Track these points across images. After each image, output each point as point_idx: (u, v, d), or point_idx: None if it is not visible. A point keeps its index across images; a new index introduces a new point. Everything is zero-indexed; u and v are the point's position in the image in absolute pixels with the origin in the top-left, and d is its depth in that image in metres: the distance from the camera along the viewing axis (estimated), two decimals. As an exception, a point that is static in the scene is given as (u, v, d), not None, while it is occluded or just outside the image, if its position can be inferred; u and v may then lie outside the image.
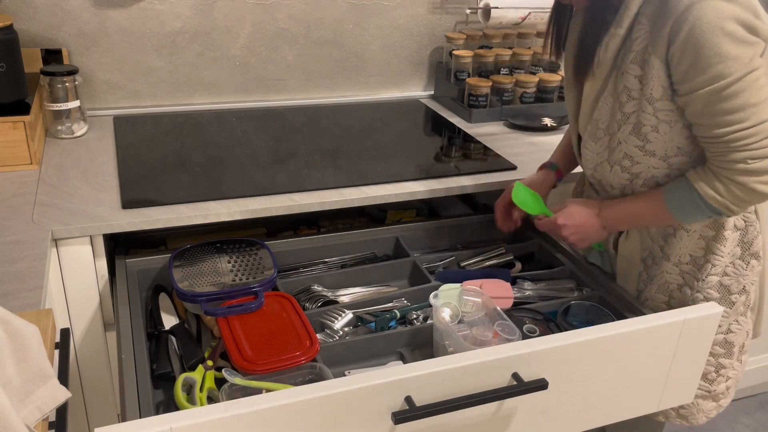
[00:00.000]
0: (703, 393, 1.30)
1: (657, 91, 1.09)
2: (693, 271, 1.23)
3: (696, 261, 1.23)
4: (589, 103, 1.21)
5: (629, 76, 1.12)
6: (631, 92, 1.13)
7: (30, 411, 0.76)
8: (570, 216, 1.25)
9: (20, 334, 0.78)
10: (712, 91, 1.03)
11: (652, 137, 1.13)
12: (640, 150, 1.16)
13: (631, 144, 1.16)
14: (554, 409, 1.05)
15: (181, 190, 1.36)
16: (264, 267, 1.26)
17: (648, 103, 1.11)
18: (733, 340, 1.28)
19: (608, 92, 1.17)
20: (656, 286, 1.27)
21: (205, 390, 1.02)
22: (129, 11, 1.72)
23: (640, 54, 1.10)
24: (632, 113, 1.14)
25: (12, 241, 1.16)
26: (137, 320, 1.13)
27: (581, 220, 1.24)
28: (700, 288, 1.23)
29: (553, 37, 1.29)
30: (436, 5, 2.01)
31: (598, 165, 1.25)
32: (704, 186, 1.10)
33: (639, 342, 1.07)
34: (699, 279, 1.23)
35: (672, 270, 1.24)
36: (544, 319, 1.23)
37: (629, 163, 1.18)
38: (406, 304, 1.26)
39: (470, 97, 1.89)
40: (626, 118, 1.15)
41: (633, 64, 1.11)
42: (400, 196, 1.42)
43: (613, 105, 1.16)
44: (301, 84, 1.97)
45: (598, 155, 1.23)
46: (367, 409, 0.91)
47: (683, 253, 1.22)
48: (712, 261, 1.21)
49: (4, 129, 1.38)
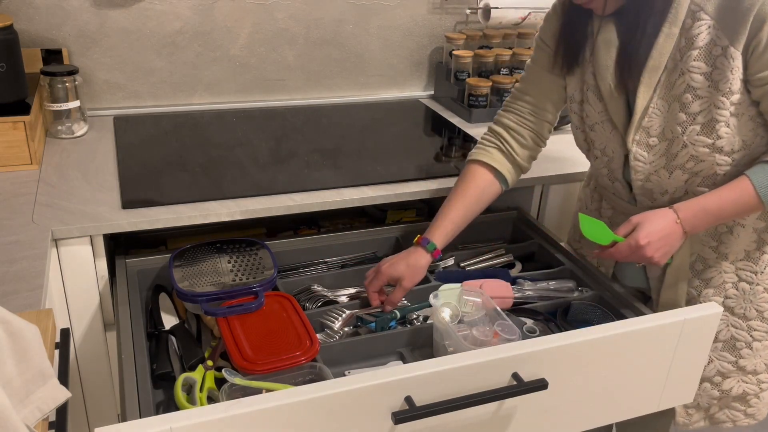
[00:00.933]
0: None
1: (735, 84, 1.06)
2: (748, 265, 1.22)
3: (750, 255, 1.22)
4: (640, 112, 1.15)
5: (694, 75, 1.08)
6: (697, 90, 1.09)
7: (30, 411, 0.76)
8: (651, 232, 1.12)
9: (20, 334, 0.78)
10: None
11: (723, 132, 1.10)
12: (709, 148, 1.11)
13: (700, 144, 1.11)
14: (554, 409, 1.05)
15: (181, 190, 1.36)
16: (264, 267, 1.26)
17: (725, 98, 1.07)
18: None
19: (659, 96, 1.12)
20: (712, 290, 1.24)
21: (205, 390, 1.02)
22: (129, 11, 1.72)
23: (706, 50, 1.07)
24: (700, 112, 1.10)
25: (12, 241, 1.16)
26: (137, 320, 1.13)
27: (664, 233, 1.13)
28: (760, 281, 1.22)
29: (564, 49, 1.22)
30: (436, 5, 2.01)
31: (652, 174, 1.18)
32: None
33: (639, 342, 1.07)
34: (756, 272, 1.22)
35: (728, 269, 1.22)
36: (544, 319, 1.23)
37: (693, 164, 1.14)
38: (407, 304, 1.26)
39: (470, 97, 1.89)
40: (692, 118, 1.10)
41: (697, 62, 1.08)
42: (400, 196, 1.42)
43: (670, 108, 1.12)
44: (301, 84, 1.97)
45: (651, 164, 1.17)
46: (367, 409, 0.91)
47: (739, 249, 1.21)
48: (767, 252, 1.21)
49: (4, 129, 1.38)
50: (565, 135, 1.84)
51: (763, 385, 1.29)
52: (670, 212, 1.13)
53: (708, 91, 1.08)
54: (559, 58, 1.25)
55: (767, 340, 1.26)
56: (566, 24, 1.22)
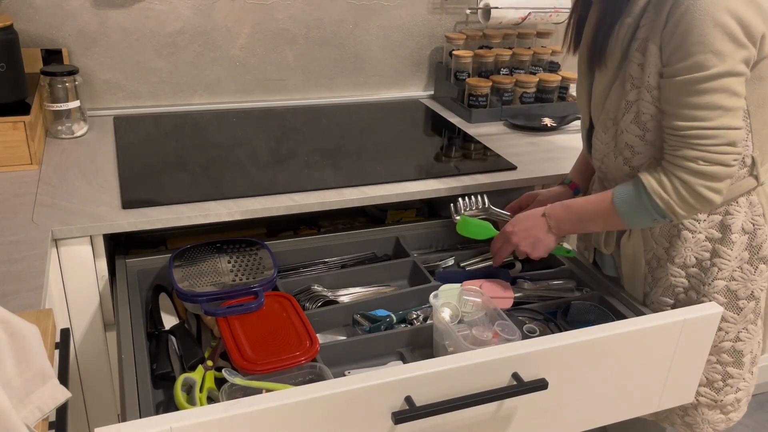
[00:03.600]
0: (708, 402, 1.27)
1: (653, 78, 1.08)
2: (699, 274, 1.21)
3: (702, 264, 1.20)
4: (600, 93, 1.20)
5: (633, 64, 1.11)
6: (634, 80, 1.12)
7: (30, 411, 0.76)
8: (517, 222, 1.24)
9: (20, 334, 0.78)
10: (686, 80, 1.02)
11: (651, 126, 1.12)
12: (640, 140, 1.14)
13: (632, 133, 1.15)
14: (554, 409, 1.05)
15: (181, 190, 1.36)
16: (264, 267, 1.26)
17: (647, 91, 1.10)
18: (742, 349, 1.24)
19: (619, 82, 1.16)
20: (661, 289, 1.24)
21: (205, 390, 1.02)
22: (129, 11, 1.72)
23: (643, 42, 1.09)
24: (634, 102, 1.13)
25: (12, 241, 1.16)
26: (137, 320, 1.13)
27: (528, 224, 1.22)
28: (707, 292, 1.20)
29: (574, 31, 1.27)
30: (436, 5, 2.01)
31: (605, 156, 1.23)
32: (651, 180, 1.08)
33: (639, 342, 1.07)
34: (705, 283, 1.20)
35: (677, 273, 1.22)
36: (544, 319, 1.23)
37: (630, 154, 1.17)
38: (408, 308, 1.26)
39: (470, 97, 1.89)
40: (629, 106, 1.14)
41: (637, 52, 1.10)
42: (400, 196, 1.43)
43: (620, 94, 1.16)
44: (301, 84, 1.97)
45: (605, 145, 1.22)
46: (367, 409, 0.91)
47: (688, 255, 1.20)
48: (718, 265, 1.19)
49: (4, 129, 1.38)
50: (566, 135, 1.85)
51: (701, 398, 1.26)
52: (542, 208, 1.24)
53: (640, 82, 1.11)
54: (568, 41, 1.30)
55: (711, 354, 1.24)
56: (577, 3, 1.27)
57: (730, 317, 1.22)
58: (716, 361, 1.25)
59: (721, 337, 1.23)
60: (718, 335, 1.23)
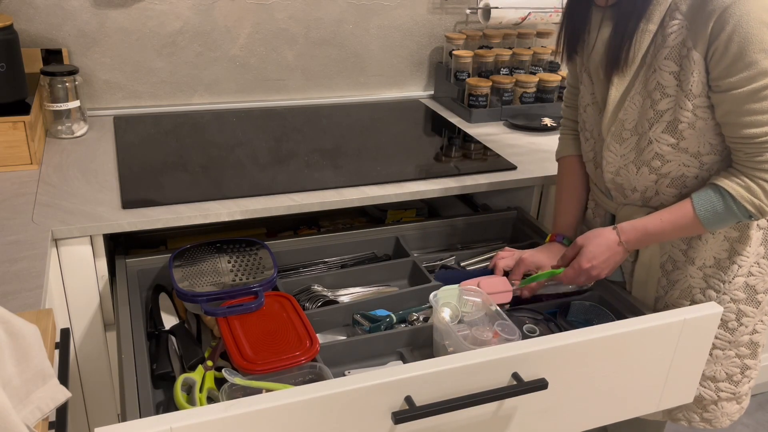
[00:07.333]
0: (728, 395, 1.28)
1: (697, 87, 1.07)
2: (717, 273, 1.21)
3: (720, 263, 1.21)
4: (615, 103, 1.18)
5: (663, 73, 1.10)
6: (666, 89, 1.10)
7: (30, 411, 0.76)
8: (594, 256, 1.18)
9: (20, 334, 0.78)
10: (752, 90, 1.02)
11: (687, 134, 1.11)
12: (673, 148, 1.13)
13: (664, 142, 1.13)
14: (554, 409, 1.06)
15: (181, 190, 1.36)
16: (264, 267, 1.26)
17: (687, 100, 1.09)
18: (758, 341, 1.26)
19: (636, 91, 1.14)
20: (678, 292, 1.24)
21: (205, 390, 1.02)
22: (129, 11, 1.72)
23: (677, 49, 1.08)
24: (666, 110, 1.11)
25: (12, 241, 1.16)
26: (137, 320, 1.13)
27: (606, 255, 1.18)
28: (727, 290, 1.21)
29: (566, 37, 1.25)
30: (436, 5, 2.01)
31: (621, 168, 1.21)
32: (737, 188, 1.08)
33: (639, 342, 1.07)
34: (725, 281, 1.21)
35: (696, 274, 1.22)
36: (544, 319, 1.23)
37: (659, 163, 1.16)
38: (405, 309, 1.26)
39: (470, 97, 1.89)
40: (659, 115, 1.12)
41: (668, 60, 1.09)
42: (400, 196, 1.42)
43: (643, 103, 1.14)
44: (301, 84, 1.97)
45: (622, 157, 1.20)
46: (367, 409, 0.91)
47: (708, 256, 1.20)
48: (738, 262, 1.20)
49: (4, 129, 1.38)
50: (565, 135, 1.84)
51: (722, 393, 1.28)
52: (612, 234, 1.18)
53: (675, 90, 1.10)
54: (560, 48, 1.28)
55: (729, 350, 1.26)
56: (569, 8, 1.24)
57: (750, 311, 1.23)
58: (735, 355, 1.26)
59: (742, 331, 1.24)
60: (739, 330, 1.24)
